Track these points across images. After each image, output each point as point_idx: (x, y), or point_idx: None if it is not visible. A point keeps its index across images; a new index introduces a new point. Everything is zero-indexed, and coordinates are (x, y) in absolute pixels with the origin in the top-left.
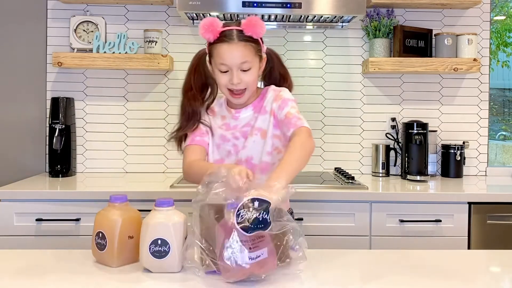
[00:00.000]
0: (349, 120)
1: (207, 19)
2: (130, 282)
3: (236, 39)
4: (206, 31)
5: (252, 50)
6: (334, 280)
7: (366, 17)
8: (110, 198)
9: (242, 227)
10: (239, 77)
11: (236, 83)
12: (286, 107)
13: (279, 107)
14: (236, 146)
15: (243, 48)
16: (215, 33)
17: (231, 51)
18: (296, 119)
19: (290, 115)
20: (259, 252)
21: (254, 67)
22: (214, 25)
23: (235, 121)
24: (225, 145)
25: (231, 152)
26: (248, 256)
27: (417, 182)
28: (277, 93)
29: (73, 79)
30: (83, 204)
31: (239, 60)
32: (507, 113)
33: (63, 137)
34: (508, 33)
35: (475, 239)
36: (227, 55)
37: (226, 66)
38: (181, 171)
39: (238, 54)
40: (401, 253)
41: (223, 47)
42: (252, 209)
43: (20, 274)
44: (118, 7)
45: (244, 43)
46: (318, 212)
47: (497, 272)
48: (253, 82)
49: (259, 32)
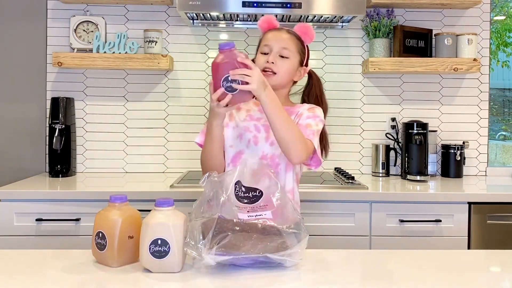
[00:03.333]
0: (349, 120)
1: (266, 16)
2: (130, 282)
3: (285, 30)
4: (264, 22)
5: (295, 45)
6: (334, 280)
7: (366, 17)
8: (110, 198)
9: None
10: (275, 58)
11: (271, 62)
12: (311, 119)
13: (307, 116)
14: (256, 137)
15: (289, 36)
16: (272, 25)
17: (277, 34)
18: (311, 132)
19: (309, 126)
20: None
21: (292, 59)
22: (272, 19)
23: (261, 114)
24: (246, 135)
25: (251, 142)
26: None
27: (417, 182)
28: (312, 107)
29: (73, 79)
30: (83, 204)
31: (281, 44)
32: (507, 113)
33: (63, 137)
34: (508, 33)
35: (475, 239)
36: (271, 37)
37: (268, 47)
38: (181, 171)
39: (281, 39)
40: (401, 253)
41: (272, 32)
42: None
43: (20, 274)
44: (118, 7)
45: (291, 35)
46: (318, 212)
47: (497, 272)
48: (286, 71)
49: (308, 37)
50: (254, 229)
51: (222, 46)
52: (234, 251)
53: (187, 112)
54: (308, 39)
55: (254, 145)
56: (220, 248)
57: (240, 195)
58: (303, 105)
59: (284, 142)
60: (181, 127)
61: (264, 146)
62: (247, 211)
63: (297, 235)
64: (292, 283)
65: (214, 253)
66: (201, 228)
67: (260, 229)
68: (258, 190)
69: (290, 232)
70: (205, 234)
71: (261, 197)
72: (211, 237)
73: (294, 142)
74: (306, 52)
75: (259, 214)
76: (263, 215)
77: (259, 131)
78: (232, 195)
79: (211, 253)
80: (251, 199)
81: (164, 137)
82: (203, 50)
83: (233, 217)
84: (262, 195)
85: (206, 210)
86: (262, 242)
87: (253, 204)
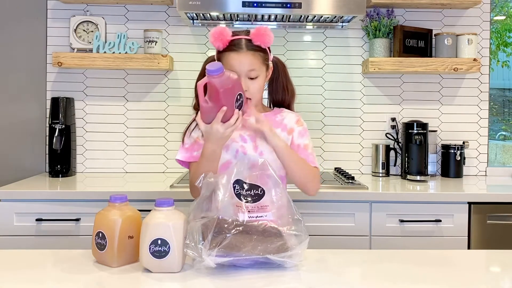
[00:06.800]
0: (349, 120)
1: (217, 28)
2: (130, 282)
3: (245, 48)
4: (216, 40)
5: (260, 59)
6: (334, 280)
7: (366, 17)
8: (110, 198)
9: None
10: (246, 85)
11: (244, 91)
12: (305, 137)
13: (299, 133)
14: (243, 147)
15: (252, 56)
16: (225, 42)
17: (239, 59)
18: (312, 157)
19: (307, 148)
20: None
21: (261, 75)
22: (224, 34)
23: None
24: (233, 145)
25: (239, 152)
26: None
27: (417, 182)
28: (298, 118)
29: (73, 79)
30: (83, 204)
31: (247, 68)
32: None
33: (63, 137)
34: (508, 33)
35: (475, 239)
36: (236, 63)
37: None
38: (181, 171)
39: (246, 62)
40: (401, 253)
41: (232, 56)
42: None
43: (20, 274)
44: (118, 7)
45: (253, 52)
46: (318, 212)
47: (497, 272)
48: (258, 90)
49: (267, 41)
50: (255, 230)
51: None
52: (234, 252)
53: (187, 112)
54: (267, 41)
55: (243, 154)
56: (220, 250)
57: (242, 193)
58: (285, 113)
59: (301, 181)
60: (181, 127)
61: (253, 155)
62: (248, 211)
63: (298, 237)
64: (292, 283)
65: (214, 255)
66: (201, 229)
67: (261, 231)
68: (260, 188)
69: (290, 233)
70: (205, 235)
71: (263, 196)
72: (211, 239)
73: (309, 179)
74: (269, 54)
75: (259, 216)
76: (264, 217)
77: (245, 141)
78: (232, 194)
79: (212, 255)
80: (253, 197)
81: (164, 137)
82: (203, 50)
83: (233, 218)
84: (264, 194)
85: (205, 210)
86: (262, 243)
87: (255, 204)
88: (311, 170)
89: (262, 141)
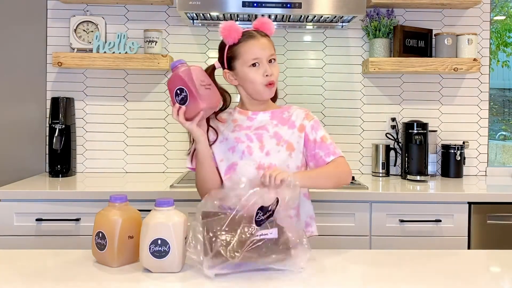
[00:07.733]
0: (349, 120)
1: (225, 23)
2: (130, 282)
3: (259, 35)
4: (230, 33)
5: (273, 44)
6: (334, 280)
7: (366, 17)
8: (110, 198)
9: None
10: (270, 70)
11: (270, 74)
12: (320, 129)
13: (312, 127)
14: (249, 147)
15: (268, 41)
16: (239, 33)
17: (260, 45)
18: (333, 146)
19: (326, 139)
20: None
21: (276, 60)
22: (235, 26)
23: (250, 122)
24: (239, 146)
25: (245, 153)
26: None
27: (417, 182)
28: (307, 112)
29: (73, 79)
30: (83, 204)
31: (269, 52)
32: (507, 113)
33: (63, 137)
34: (508, 33)
35: (475, 239)
36: (258, 49)
37: (258, 60)
38: (181, 171)
39: (267, 46)
40: (401, 253)
41: (252, 42)
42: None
43: (20, 274)
44: (118, 7)
45: (266, 37)
46: (318, 212)
47: (497, 272)
48: (278, 75)
49: (271, 29)
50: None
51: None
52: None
53: None
54: (271, 29)
55: (249, 155)
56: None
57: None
58: (293, 109)
59: (334, 186)
60: (181, 127)
61: (259, 156)
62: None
63: (301, 248)
64: (292, 283)
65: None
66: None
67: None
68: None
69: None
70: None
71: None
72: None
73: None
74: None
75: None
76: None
77: (251, 140)
78: (252, 219)
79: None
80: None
81: (164, 137)
82: (203, 50)
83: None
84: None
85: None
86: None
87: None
88: (336, 168)
89: (268, 140)
